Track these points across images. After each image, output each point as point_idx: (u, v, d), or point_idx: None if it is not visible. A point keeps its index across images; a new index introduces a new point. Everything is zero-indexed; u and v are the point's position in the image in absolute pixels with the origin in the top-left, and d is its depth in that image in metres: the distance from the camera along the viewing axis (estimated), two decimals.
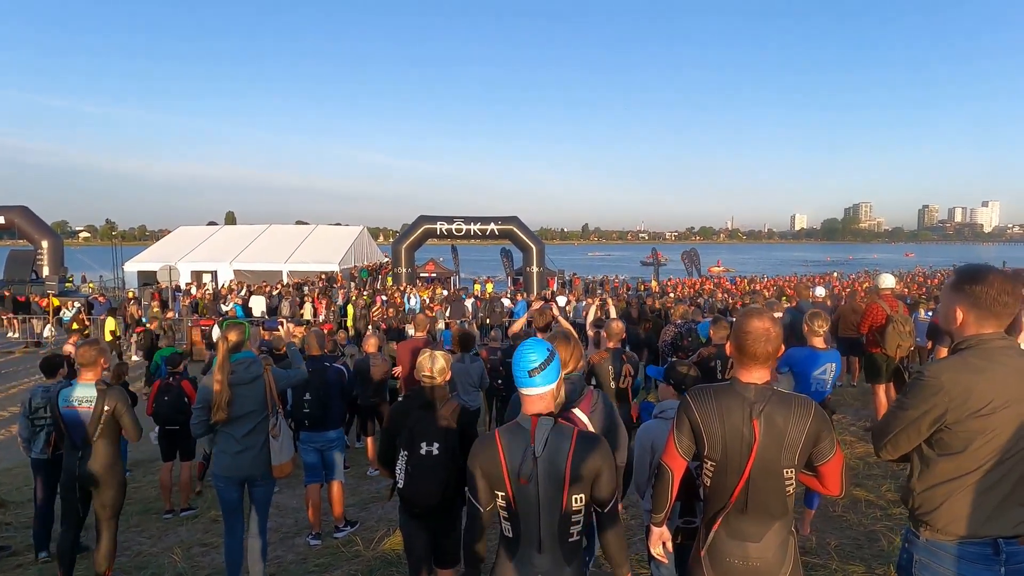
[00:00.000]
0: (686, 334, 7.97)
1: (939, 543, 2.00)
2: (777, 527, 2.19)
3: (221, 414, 3.85)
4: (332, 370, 5.37)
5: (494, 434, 2.22)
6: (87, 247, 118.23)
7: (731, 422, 2.14)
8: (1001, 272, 2.07)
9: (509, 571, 2.20)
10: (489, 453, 2.18)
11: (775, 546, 2.19)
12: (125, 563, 4.84)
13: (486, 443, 2.21)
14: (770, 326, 2.18)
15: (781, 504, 2.17)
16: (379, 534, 4.94)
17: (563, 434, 2.17)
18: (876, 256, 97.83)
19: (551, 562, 2.15)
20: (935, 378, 1.99)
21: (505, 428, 2.24)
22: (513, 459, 2.14)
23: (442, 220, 29.04)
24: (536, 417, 2.18)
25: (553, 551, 2.15)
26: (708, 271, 38.18)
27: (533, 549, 2.16)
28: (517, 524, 2.17)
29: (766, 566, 2.19)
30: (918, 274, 37.99)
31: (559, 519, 2.13)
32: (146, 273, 27.84)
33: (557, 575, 2.16)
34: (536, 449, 2.13)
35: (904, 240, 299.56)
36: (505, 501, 2.17)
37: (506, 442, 2.17)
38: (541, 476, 2.12)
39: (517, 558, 2.18)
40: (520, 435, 2.18)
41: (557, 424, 2.19)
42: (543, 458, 2.12)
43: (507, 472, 2.14)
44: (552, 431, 2.16)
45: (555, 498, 2.12)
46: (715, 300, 18.74)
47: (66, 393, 4.10)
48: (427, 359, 3.19)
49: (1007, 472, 1.94)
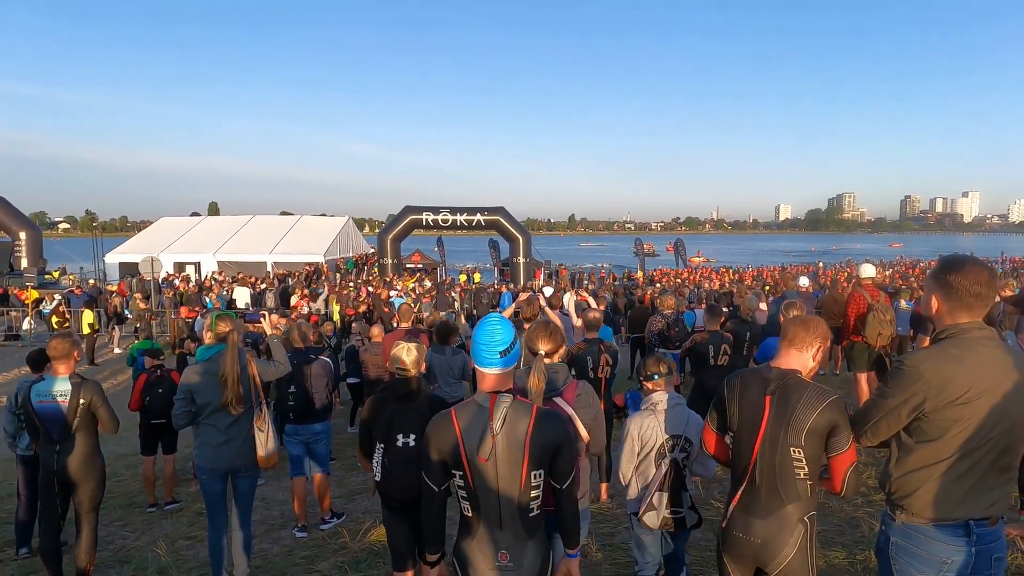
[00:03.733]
0: (673, 324, 8.03)
1: (914, 525, 2.06)
2: (789, 510, 2.28)
3: (233, 406, 3.85)
4: (317, 363, 5.34)
5: (450, 413, 2.17)
6: (67, 238, 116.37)
7: (748, 397, 2.34)
8: (979, 263, 2.09)
9: (472, 549, 2.18)
10: (446, 433, 2.13)
11: (782, 528, 2.27)
12: (108, 557, 4.79)
13: (441, 423, 2.16)
14: (809, 317, 2.47)
15: (792, 487, 2.26)
16: (365, 525, 4.93)
17: (521, 410, 2.13)
18: (859, 246, 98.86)
19: (513, 536, 2.15)
20: (915, 368, 2.02)
21: (461, 406, 2.19)
22: (470, 438, 2.10)
23: (428, 211, 28.92)
24: (495, 394, 2.15)
25: (514, 526, 2.14)
26: (689, 262, 38.51)
27: (494, 526, 2.14)
28: (476, 503, 2.15)
29: (767, 545, 2.28)
30: (899, 263, 38.55)
31: (518, 495, 2.11)
32: (128, 264, 27.45)
33: (520, 549, 2.15)
34: (495, 426, 2.09)
35: (887, 230, 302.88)
36: (463, 480, 2.13)
37: (463, 421, 2.13)
38: (500, 453, 2.09)
39: (479, 536, 2.17)
40: (478, 413, 2.14)
41: (515, 400, 2.15)
42: (501, 435, 2.09)
43: (464, 451, 2.10)
44: (511, 408, 2.12)
45: (514, 475, 2.10)
46: (702, 290, 18.88)
47: (39, 388, 4.02)
48: (402, 351, 3.18)
49: (980, 459, 1.99)
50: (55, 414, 4.00)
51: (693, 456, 3.19)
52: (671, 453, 3.13)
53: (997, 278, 2.08)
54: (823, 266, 37.57)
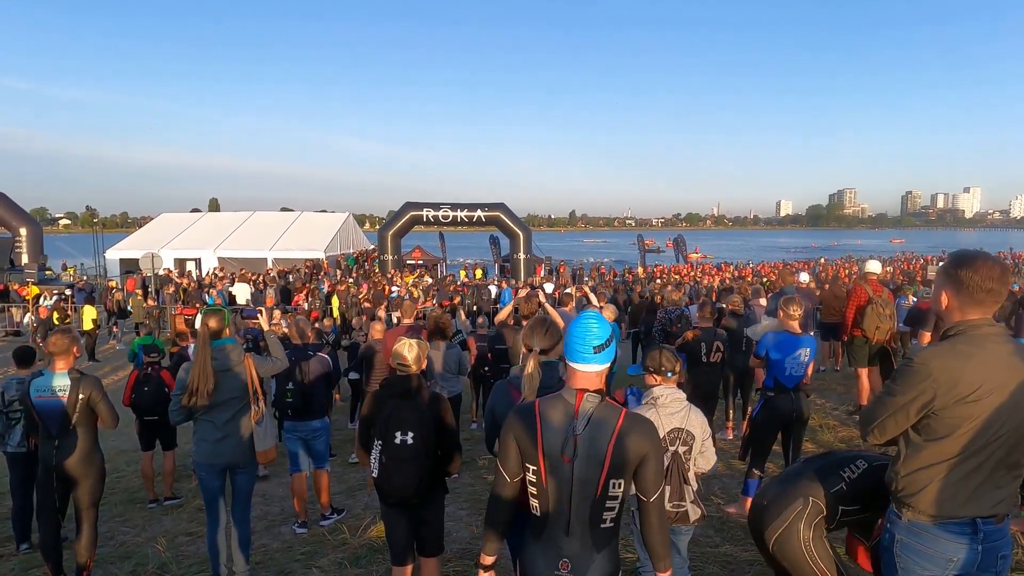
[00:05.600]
0: (676, 319, 8.01)
1: (920, 523, 2.04)
2: None
3: (198, 400, 3.80)
4: (315, 359, 5.33)
5: (534, 404, 2.06)
6: (68, 234, 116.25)
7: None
8: (991, 259, 2.05)
9: (535, 551, 2.07)
10: (527, 423, 2.03)
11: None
12: (109, 553, 4.79)
13: (525, 412, 2.06)
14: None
15: None
16: (365, 521, 4.93)
17: (609, 413, 1.99)
18: (860, 242, 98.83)
19: (579, 546, 2.00)
20: (924, 365, 1.99)
21: (547, 400, 2.07)
22: (551, 433, 1.99)
23: (428, 207, 28.90)
24: (582, 392, 2.02)
25: (583, 536, 2.00)
26: (686, 258, 38.64)
27: (561, 531, 2.01)
28: (546, 502, 2.02)
29: None
30: (898, 259, 38.50)
31: (592, 503, 1.98)
32: (128, 261, 27.42)
33: (585, 561, 2.00)
34: (577, 426, 1.98)
35: (888, 226, 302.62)
36: (536, 476, 2.01)
37: (546, 414, 2.02)
38: (579, 455, 1.96)
39: (543, 539, 2.05)
40: (562, 408, 2.02)
41: (604, 402, 2.02)
42: (583, 436, 1.97)
43: (542, 446, 1.99)
44: (597, 409, 2.00)
45: (591, 481, 1.96)
46: (701, 286, 18.87)
47: (39, 383, 4.01)
48: (403, 347, 3.16)
49: (989, 457, 1.97)
50: (54, 409, 3.99)
51: (695, 450, 3.19)
52: (672, 447, 3.13)
53: (1009, 274, 2.05)
54: (824, 262, 37.54)
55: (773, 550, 2.58)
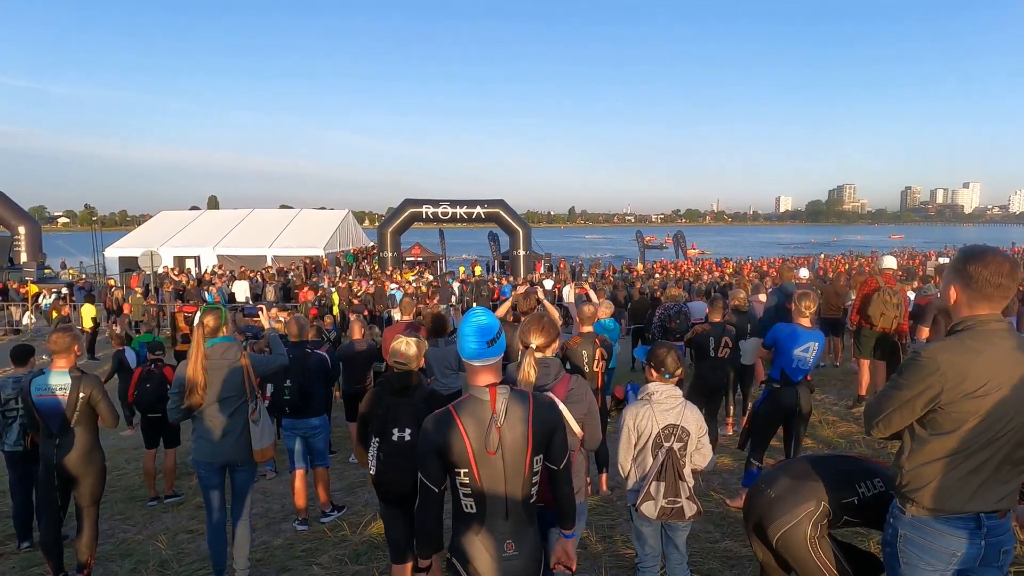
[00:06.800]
0: (674, 316, 8.01)
1: (924, 519, 2.04)
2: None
3: (195, 398, 3.79)
4: (314, 357, 5.32)
5: (449, 411, 2.14)
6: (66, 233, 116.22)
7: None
8: (1000, 254, 2.03)
9: (474, 544, 2.15)
10: (449, 432, 2.10)
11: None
12: (110, 551, 4.79)
13: (443, 421, 2.12)
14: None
15: None
16: (366, 518, 4.94)
17: (521, 399, 2.15)
18: (859, 238, 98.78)
19: (516, 525, 2.16)
20: (932, 359, 1.98)
21: (460, 403, 2.16)
22: (475, 433, 2.09)
23: (428, 203, 28.89)
24: (494, 386, 2.15)
25: (517, 514, 2.16)
26: (684, 254, 38.72)
27: (500, 517, 2.14)
28: (482, 498, 2.13)
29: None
30: (896, 254, 38.51)
31: (522, 483, 2.14)
32: (127, 259, 27.41)
33: (523, 535, 2.17)
34: (498, 418, 2.09)
35: (887, 221, 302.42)
36: (468, 477, 2.11)
37: (466, 417, 2.10)
38: (505, 444, 2.10)
39: (483, 530, 2.15)
40: (479, 407, 2.12)
41: (513, 390, 2.17)
42: (505, 426, 2.10)
43: (471, 447, 2.08)
44: (510, 399, 2.13)
45: (519, 463, 2.12)
46: (701, 282, 18.87)
47: (39, 382, 4.01)
48: (402, 344, 3.16)
49: (995, 452, 1.96)
50: (55, 408, 3.98)
51: (690, 447, 3.19)
52: (667, 442, 3.13)
53: (1019, 269, 2.03)
54: (824, 257, 37.55)
55: (777, 544, 2.58)
